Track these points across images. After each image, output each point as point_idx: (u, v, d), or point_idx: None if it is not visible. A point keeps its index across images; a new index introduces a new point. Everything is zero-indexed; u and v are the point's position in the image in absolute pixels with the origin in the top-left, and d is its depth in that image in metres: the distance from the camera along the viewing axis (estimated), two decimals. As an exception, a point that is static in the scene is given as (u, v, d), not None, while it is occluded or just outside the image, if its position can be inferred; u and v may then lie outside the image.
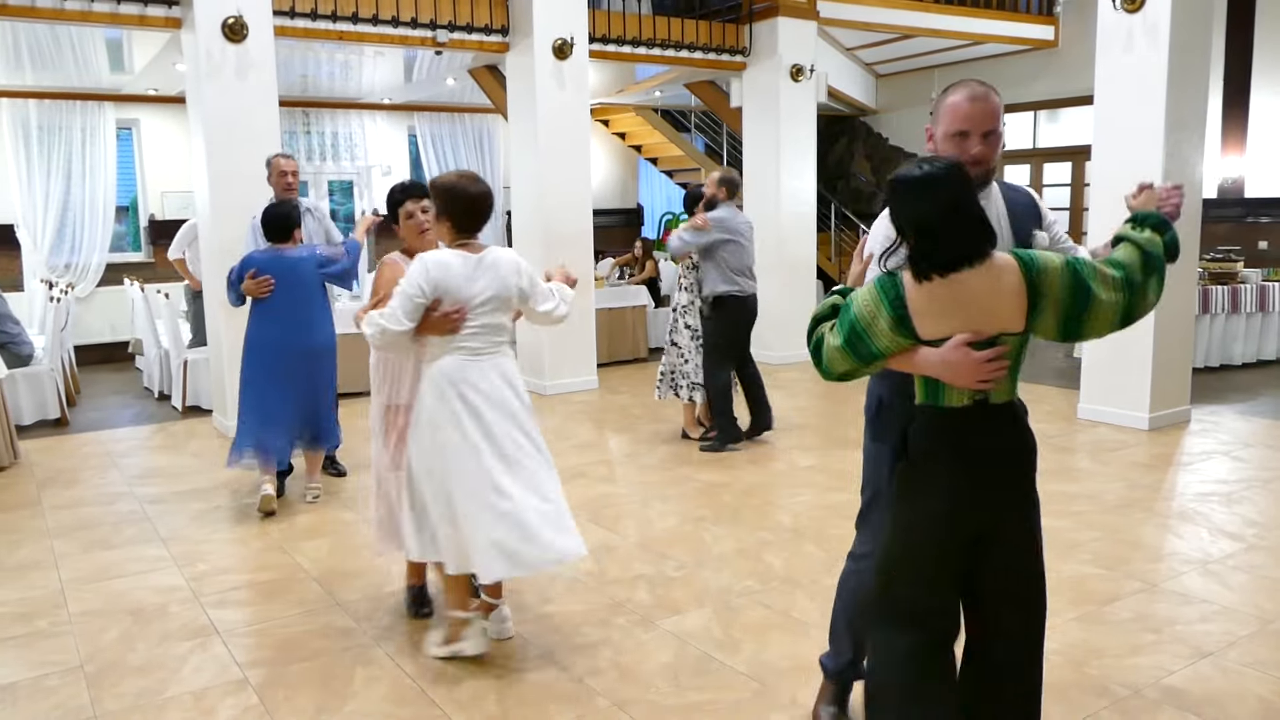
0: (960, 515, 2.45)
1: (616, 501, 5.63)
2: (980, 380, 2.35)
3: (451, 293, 3.44)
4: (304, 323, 5.42)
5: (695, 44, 9.95)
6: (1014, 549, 2.52)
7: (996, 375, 2.36)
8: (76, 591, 4.40)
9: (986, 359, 2.33)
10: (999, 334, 2.35)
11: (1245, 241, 10.52)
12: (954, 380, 2.37)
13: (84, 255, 11.19)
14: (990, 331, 2.34)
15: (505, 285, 3.54)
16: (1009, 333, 2.35)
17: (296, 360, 5.41)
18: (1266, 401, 7.99)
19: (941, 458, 2.45)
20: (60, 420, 7.88)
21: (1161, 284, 2.41)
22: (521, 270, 3.62)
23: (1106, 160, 7.08)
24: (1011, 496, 2.50)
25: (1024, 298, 2.31)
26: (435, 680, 3.49)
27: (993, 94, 2.59)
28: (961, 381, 2.36)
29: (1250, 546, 4.69)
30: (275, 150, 7.10)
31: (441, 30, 8.41)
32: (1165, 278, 2.42)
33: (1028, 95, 12.74)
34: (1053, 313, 2.32)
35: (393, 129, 13.39)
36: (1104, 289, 2.32)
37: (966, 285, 2.31)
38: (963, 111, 2.56)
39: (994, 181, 2.71)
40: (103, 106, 11.16)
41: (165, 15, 7.23)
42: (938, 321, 2.35)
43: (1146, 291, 2.37)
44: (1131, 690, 3.32)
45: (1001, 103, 2.62)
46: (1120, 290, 2.34)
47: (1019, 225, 2.69)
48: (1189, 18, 6.76)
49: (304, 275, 5.40)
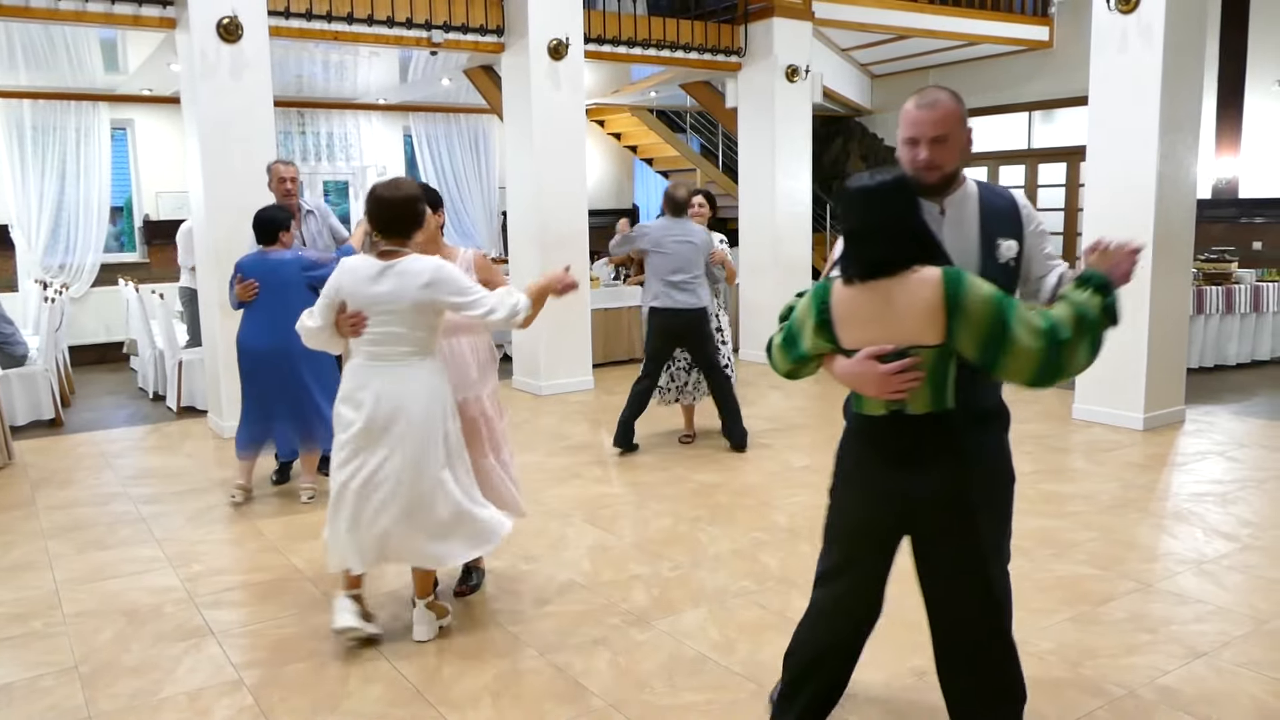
0: (875, 520, 2.57)
1: (612, 502, 5.63)
2: (889, 392, 2.40)
3: (351, 297, 3.59)
4: (283, 324, 5.42)
5: (690, 44, 9.95)
6: (946, 556, 2.56)
7: (907, 387, 2.39)
8: (71, 592, 4.39)
9: (892, 371, 2.37)
10: (911, 346, 2.37)
11: (1239, 242, 10.54)
12: (862, 390, 2.46)
13: (78, 255, 11.16)
14: (902, 343, 2.37)
15: (403, 295, 3.53)
16: (922, 345, 2.37)
17: (274, 360, 5.43)
18: (1261, 402, 8.01)
19: (860, 463, 2.59)
20: (54, 421, 7.86)
21: (1095, 348, 2.37)
22: (438, 281, 3.54)
23: (1101, 161, 7.10)
24: (934, 505, 2.49)
25: (941, 312, 2.32)
26: (431, 681, 3.49)
27: (947, 100, 2.58)
28: (869, 392, 2.44)
29: (1245, 546, 4.70)
30: (271, 153, 7.12)
31: (436, 30, 8.40)
32: (1101, 342, 2.38)
33: (1023, 96, 12.75)
34: (970, 336, 2.33)
35: (388, 129, 13.38)
36: (1025, 333, 2.31)
37: (885, 295, 2.37)
38: (911, 118, 2.59)
39: (974, 183, 2.70)
40: (97, 106, 11.14)
41: (160, 15, 7.22)
42: (856, 330, 2.44)
43: (1075, 351, 2.34)
44: (1126, 690, 3.33)
45: (960, 108, 2.60)
46: (1042, 340, 2.31)
47: (990, 229, 2.65)
48: (1183, 18, 6.77)
49: (286, 278, 5.41)
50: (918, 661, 3.45)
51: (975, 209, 2.66)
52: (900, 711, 3.19)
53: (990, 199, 2.69)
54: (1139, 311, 6.89)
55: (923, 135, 2.56)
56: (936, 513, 2.50)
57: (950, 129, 2.56)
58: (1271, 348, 9.74)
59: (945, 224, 2.62)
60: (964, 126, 2.61)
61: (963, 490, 2.50)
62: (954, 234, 2.61)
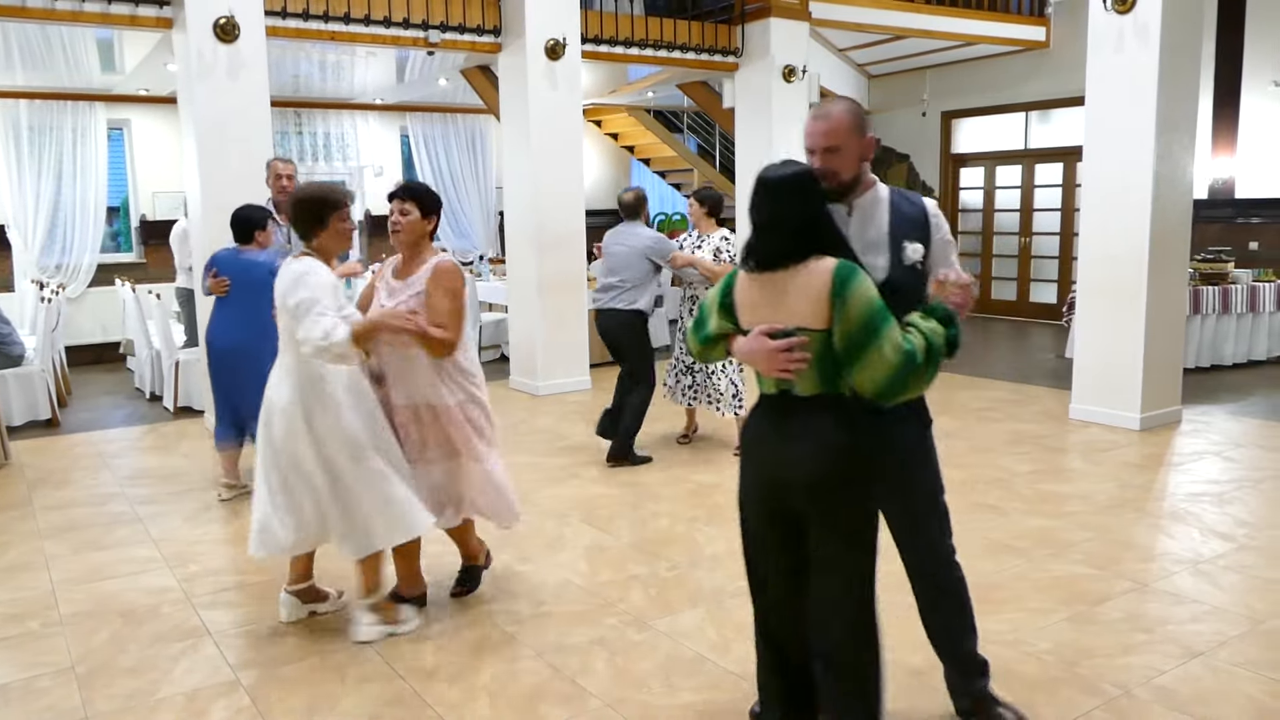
0: (764, 496, 2.68)
1: (609, 502, 5.63)
2: (778, 369, 2.52)
3: None
4: (252, 323, 5.41)
5: (688, 45, 9.96)
6: (813, 542, 2.62)
7: (793, 366, 2.50)
8: (67, 593, 4.39)
9: (780, 348, 2.49)
10: (799, 328, 2.49)
11: (1236, 242, 10.55)
12: (753, 365, 2.59)
13: (75, 256, 11.15)
14: (790, 324, 2.50)
15: (278, 298, 3.69)
16: (809, 328, 2.48)
17: (239, 358, 5.44)
18: (1257, 402, 8.02)
19: (753, 440, 2.70)
20: (51, 421, 7.86)
21: (934, 372, 2.50)
22: (287, 290, 3.63)
23: (1098, 161, 7.10)
24: (811, 486, 2.56)
25: (828, 299, 2.44)
26: (428, 681, 3.49)
27: (838, 112, 2.70)
28: (760, 367, 2.57)
29: (1241, 546, 4.70)
30: (268, 152, 7.12)
31: (433, 31, 8.40)
32: (939, 369, 2.52)
33: (1019, 96, 12.77)
34: (842, 329, 2.44)
35: (385, 129, 13.38)
36: (889, 347, 2.42)
37: (781, 281, 2.52)
38: (806, 129, 2.75)
39: (885, 188, 2.83)
40: (94, 107, 11.13)
41: (156, 15, 7.21)
42: (753, 311, 2.59)
43: (922, 375, 2.47)
44: (1122, 690, 3.33)
45: (853, 119, 2.70)
46: (900, 358, 2.42)
47: (898, 232, 2.76)
48: (1180, 19, 6.78)
49: (256, 279, 5.40)
50: (916, 661, 3.46)
51: (885, 212, 2.79)
52: (900, 713, 3.19)
53: (901, 204, 2.81)
54: (1136, 312, 6.90)
55: (815, 146, 2.70)
56: (803, 493, 2.57)
57: (841, 140, 2.68)
58: (1268, 348, 9.75)
59: (851, 223, 2.76)
60: (859, 136, 2.70)
61: (828, 476, 2.54)
62: (860, 233, 2.75)
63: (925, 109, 13.76)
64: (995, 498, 5.48)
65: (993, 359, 10.38)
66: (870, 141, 2.73)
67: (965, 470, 5.94)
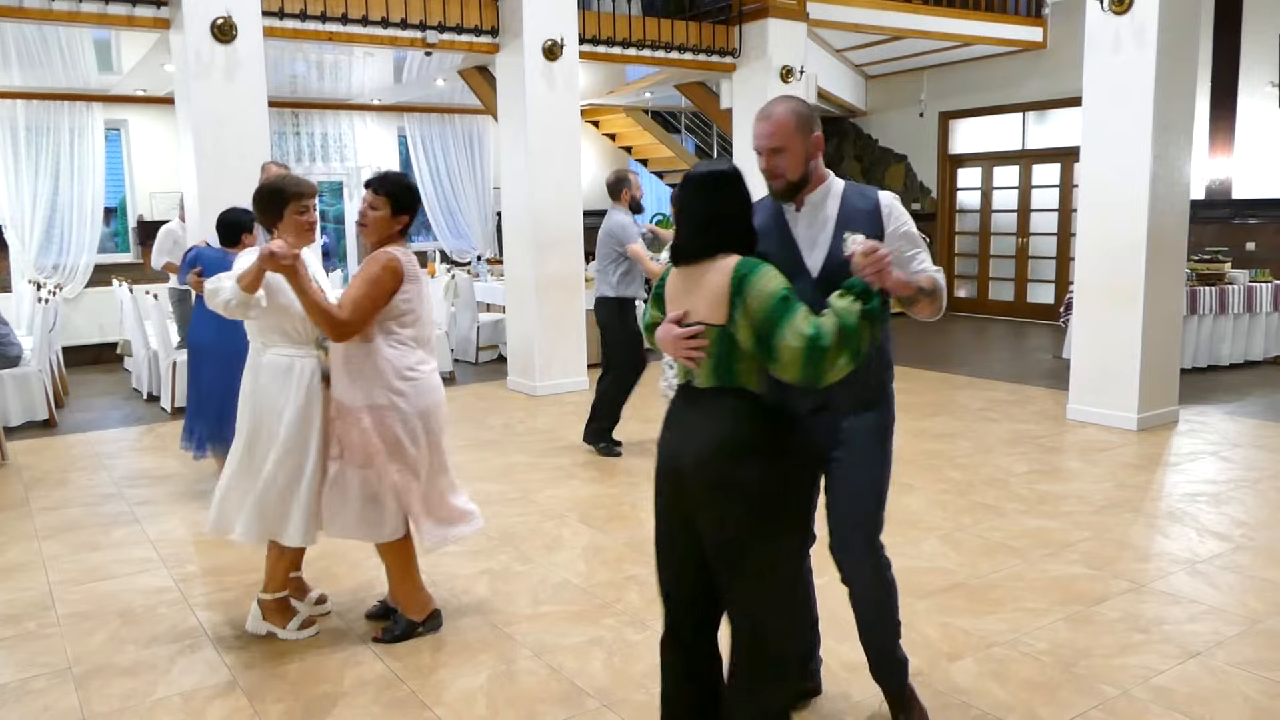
0: (662, 484, 2.68)
1: (606, 502, 5.63)
2: (680, 354, 2.58)
3: None
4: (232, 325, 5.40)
5: (685, 45, 9.96)
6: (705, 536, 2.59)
7: (692, 354, 2.56)
8: (65, 593, 4.38)
9: (681, 336, 2.56)
10: (701, 321, 2.55)
11: (1233, 242, 10.57)
12: (662, 348, 2.66)
13: (72, 256, 11.13)
14: (695, 316, 2.57)
15: None
16: (707, 322, 2.54)
17: (219, 359, 5.40)
18: (1254, 402, 8.03)
19: (663, 426, 2.73)
20: (48, 421, 7.85)
21: (856, 351, 2.46)
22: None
23: (1095, 162, 7.11)
24: (699, 479, 2.55)
25: (726, 297, 2.49)
26: (425, 682, 3.49)
27: (781, 112, 2.69)
28: (666, 349, 2.63)
29: (1238, 547, 4.71)
30: (265, 153, 7.13)
31: (431, 31, 8.40)
32: (864, 343, 2.47)
33: (1017, 97, 12.78)
34: (745, 324, 2.48)
35: (382, 130, 13.37)
36: (791, 336, 2.42)
37: (689, 276, 2.60)
38: (753, 130, 2.74)
39: (841, 184, 2.82)
40: (91, 107, 11.12)
41: (154, 16, 7.21)
42: (672, 303, 2.66)
43: (836, 356, 2.44)
44: (1120, 690, 3.34)
45: (797, 119, 2.68)
46: (802, 343, 2.41)
47: (841, 226, 2.72)
48: (1177, 19, 6.79)
49: None
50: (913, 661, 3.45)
51: (836, 207, 2.78)
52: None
53: (852, 198, 2.80)
54: (1133, 312, 6.91)
55: (761, 146, 2.71)
56: (691, 482, 2.56)
57: (785, 140, 2.68)
58: (1265, 348, 9.77)
59: (800, 220, 2.78)
60: (804, 135, 2.69)
61: (710, 464, 2.53)
62: (806, 227, 2.77)
63: (923, 109, 13.77)
64: (993, 498, 5.48)
65: (990, 359, 10.39)
66: (818, 140, 2.72)
67: (963, 470, 5.94)
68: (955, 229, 13.93)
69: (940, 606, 4.05)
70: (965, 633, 3.80)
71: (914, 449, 6.42)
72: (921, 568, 4.47)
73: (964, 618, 3.94)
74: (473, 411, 8.21)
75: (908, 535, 4.87)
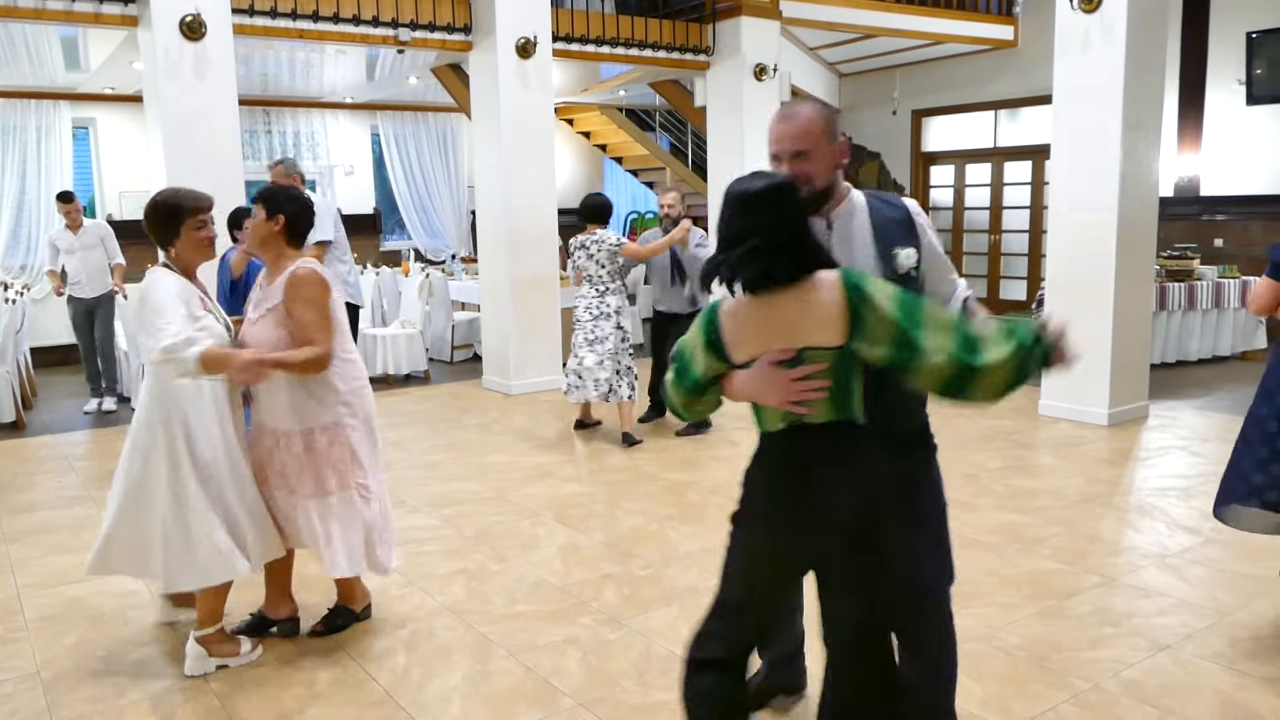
0: (778, 551, 2.33)
1: (583, 501, 5.62)
2: (789, 400, 2.21)
3: None
4: None
5: (659, 43, 9.96)
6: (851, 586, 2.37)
7: (808, 395, 2.20)
8: (33, 597, 4.33)
9: (794, 377, 2.20)
10: (805, 348, 2.21)
11: (1201, 239, 10.67)
12: (761, 400, 2.26)
13: (40, 256, 11.00)
14: (795, 345, 2.21)
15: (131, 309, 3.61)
16: (818, 346, 2.20)
17: None
18: (1222, 397, 8.11)
19: (772, 483, 2.34)
20: (16, 424, 7.75)
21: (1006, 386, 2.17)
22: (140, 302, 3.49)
23: (1065, 159, 7.16)
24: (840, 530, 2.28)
25: (844, 315, 2.16)
26: (400, 683, 3.47)
27: (807, 112, 2.42)
28: (768, 400, 2.24)
29: (1207, 540, 4.76)
30: (236, 152, 7.09)
31: (403, 29, 8.36)
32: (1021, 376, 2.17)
33: (988, 94, 12.85)
34: (878, 329, 2.16)
35: (355, 128, 13.31)
36: (938, 321, 2.15)
37: (776, 306, 2.22)
38: (772, 133, 2.45)
39: (861, 195, 2.57)
40: (58, 105, 11.01)
41: (121, 13, 7.14)
42: (748, 344, 2.26)
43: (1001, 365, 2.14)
44: (1091, 684, 3.36)
45: (824, 120, 2.43)
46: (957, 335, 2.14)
47: (885, 239, 2.52)
48: (1145, 17, 6.85)
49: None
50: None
51: (866, 220, 2.53)
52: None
53: (881, 209, 2.56)
54: (1103, 308, 6.96)
55: (784, 150, 2.42)
56: (845, 534, 2.28)
57: (813, 143, 2.40)
58: (1232, 343, 9.87)
59: (834, 238, 2.50)
60: (831, 139, 2.44)
61: (875, 510, 2.28)
62: (844, 248, 2.49)
63: (895, 107, 13.82)
64: (966, 493, 5.52)
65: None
66: (843, 146, 2.50)
67: (936, 467, 5.95)
68: (928, 226, 13.98)
69: (914, 602, 4.07)
70: (939, 628, 3.82)
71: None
72: (895, 564, 4.49)
73: (938, 613, 3.96)
74: (448, 411, 8.18)
75: (882, 531, 4.89)
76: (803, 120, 2.41)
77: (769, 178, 2.25)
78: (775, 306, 2.22)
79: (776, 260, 2.19)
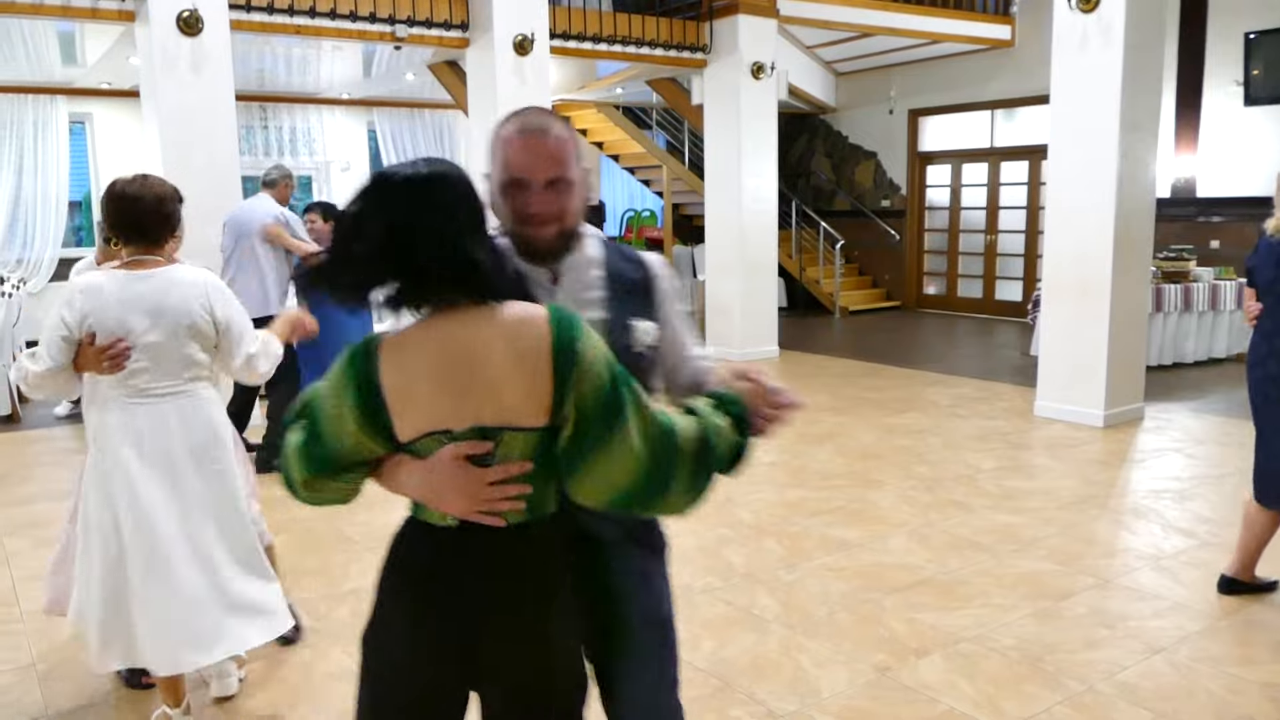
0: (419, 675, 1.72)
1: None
2: (477, 510, 1.62)
3: (104, 322, 2.86)
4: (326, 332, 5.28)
5: (656, 41, 9.95)
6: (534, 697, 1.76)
7: (505, 505, 1.62)
8: (29, 590, 4.32)
9: (490, 479, 1.59)
10: (501, 427, 1.59)
11: (1197, 240, 10.68)
12: (441, 506, 1.64)
13: (36, 250, 11.02)
14: (487, 419, 1.58)
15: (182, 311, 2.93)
16: (523, 426, 1.58)
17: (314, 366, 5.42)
18: (1218, 399, 8.12)
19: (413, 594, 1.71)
20: (12, 417, 7.74)
21: (697, 492, 1.66)
22: (212, 296, 2.98)
23: (1062, 159, 7.16)
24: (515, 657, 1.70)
25: (548, 375, 1.55)
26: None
27: (560, 128, 1.80)
28: (450, 507, 1.63)
29: (1202, 543, 4.76)
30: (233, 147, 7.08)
31: (401, 25, 8.35)
32: (708, 484, 1.67)
33: (985, 94, 12.86)
34: (577, 408, 1.57)
35: (352, 124, 13.29)
36: (639, 422, 1.59)
37: (456, 344, 1.58)
38: (514, 151, 1.79)
39: (596, 241, 1.95)
40: (55, 100, 11.00)
41: (119, 8, 7.11)
42: (420, 410, 1.59)
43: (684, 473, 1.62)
44: (1085, 685, 3.37)
45: (575, 139, 1.85)
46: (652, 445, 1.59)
47: (621, 305, 1.91)
48: (1143, 18, 6.85)
49: None
50: (880, 657, 3.48)
51: (601, 276, 1.91)
52: (863, 709, 3.21)
53: (620, 266, 1.94)
54: (1099, 309, 6.97)
55: (536, 174, 1.77)
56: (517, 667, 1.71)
57: (570, 169, 1.80)
58: (1228, 345, 9.87)
59: (559, 295, 1.85)
60: (581, 163, 1.83)
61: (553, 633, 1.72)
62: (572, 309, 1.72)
63: (892, 106, 13.83)
64: (961, 494, 5.52)
65: (959, 356, 10.46)
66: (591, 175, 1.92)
67: (932, 466, 5.98)
68: (925, 226, 14.00)
69: (908, 602, 4.07)
70: (933, 628, 3.82)
71: (883, 445, 6.43)
72: (889, 563, 4.49)
73: (931, 613, 3.96)
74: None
75: (876, 531, 4.89)
76: (559, 137, 1.79)
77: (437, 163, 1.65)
78: (458, 354, 1.57)
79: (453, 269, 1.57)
